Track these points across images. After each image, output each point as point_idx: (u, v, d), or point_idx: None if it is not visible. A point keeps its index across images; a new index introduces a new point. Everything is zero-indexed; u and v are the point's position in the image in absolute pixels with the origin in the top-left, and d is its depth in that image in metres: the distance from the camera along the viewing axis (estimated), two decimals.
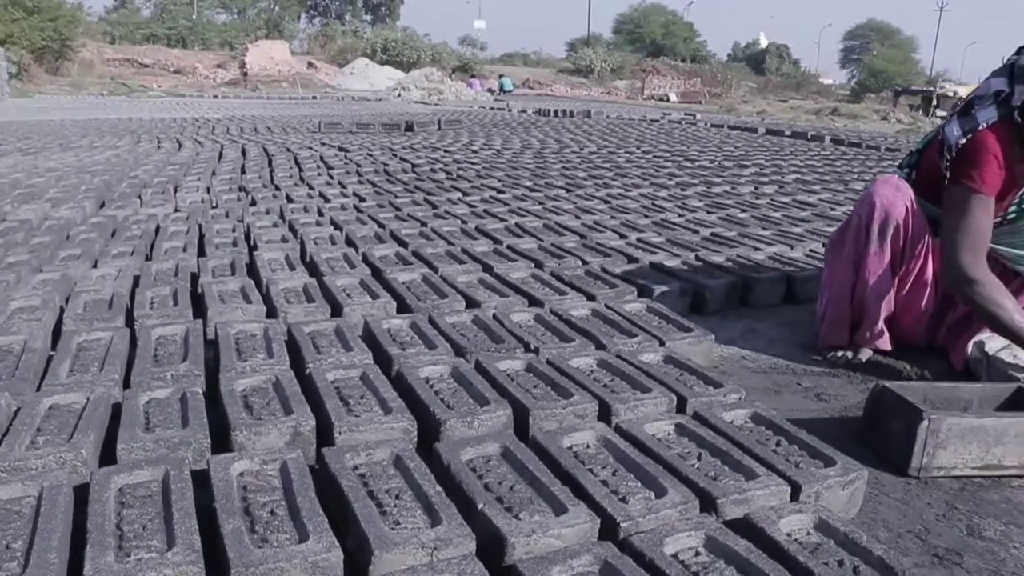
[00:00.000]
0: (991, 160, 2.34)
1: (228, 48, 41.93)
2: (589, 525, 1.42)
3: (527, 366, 2.13)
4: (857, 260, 2.51)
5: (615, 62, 50.23)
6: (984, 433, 1.89)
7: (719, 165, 7.40)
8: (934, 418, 1.85)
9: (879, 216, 2.45)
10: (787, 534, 1.47)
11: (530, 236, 3.73)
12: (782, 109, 30.82)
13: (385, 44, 42.90)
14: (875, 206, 2.46)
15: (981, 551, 1.63)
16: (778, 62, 64.78)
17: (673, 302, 2.86)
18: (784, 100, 39.64)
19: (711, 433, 1.79)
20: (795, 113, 27.74)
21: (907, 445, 1.88)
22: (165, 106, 18.41)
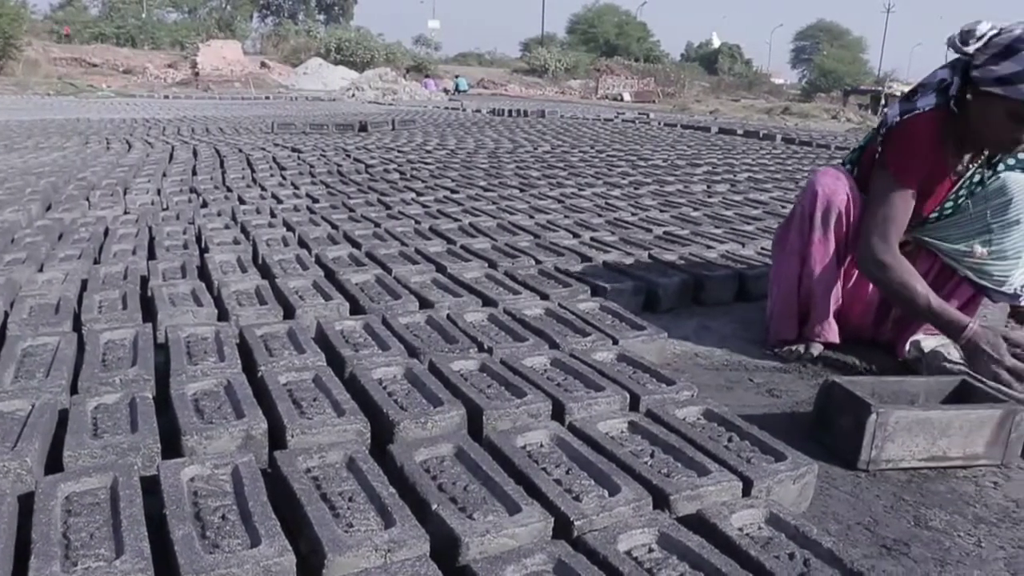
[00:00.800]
0: (919, 146, 2.40)
1: (179, 48, 41.42)
2: (543, 524, 1.43)
3: (481, 366, 2.13)
4: (802, 250, 2.55)
5: (569, 62, 50.46)
6: (930, 426, 1.93)
7: (672, 164, 7.45)
8: (882, 412, 1.88)
9: (821, 204, 2.49)
10: (739, 529, 1.49)
11: (484, 236, 3.73)
12: (734, 108, 31.11)
13: (339, 44, 42.66)
14: (817, 195, 2.49)
15: (927, 541, 1.66)
16: (730, 62, 65.48)
17: (626, 301, 2.88)
18: (736, 99, 40.03)
19: (664, 430, 1.80)
20: (747, 112, 28.02)
21: (856, 439, 1.91)
22: (114, 106, 18.13)
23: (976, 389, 2.11)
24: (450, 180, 5.76)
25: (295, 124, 10.42)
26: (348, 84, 31.94)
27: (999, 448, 1.98)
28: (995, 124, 2.25)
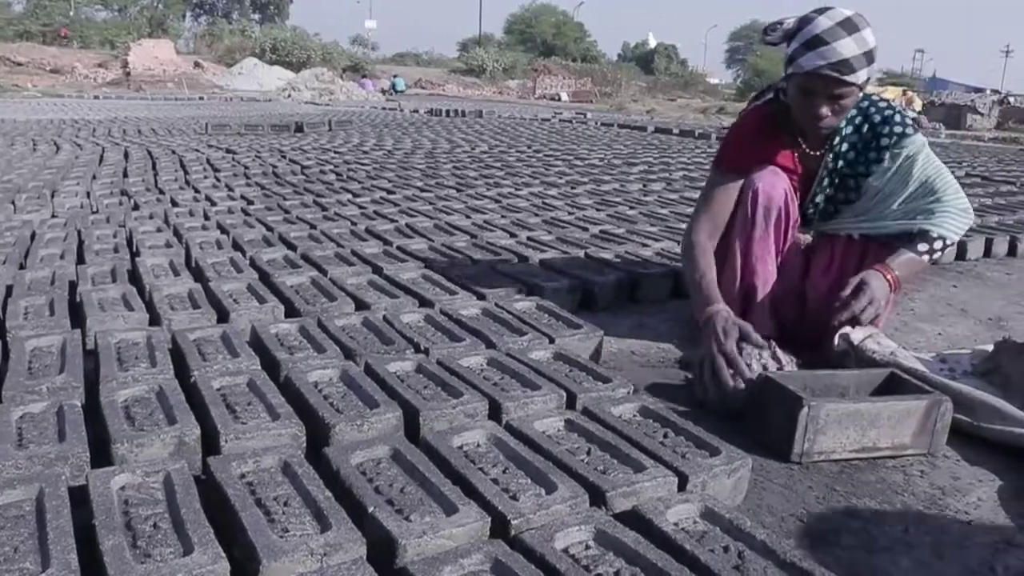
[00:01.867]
0: (737, 140, 2.61)
1: (109, 47, 40.53)
2: (480, 524, 1.43)
3: (417, 367, 2.12)
4: (744, 247, 2.59)
5: (507, 62, 50.54)
6: (860, 418, 1.98)
7: (609, 163, 7.51)
8: (813, 405, 1.92)
9: (763, 201, 2.54)
10: (674, 523, 1.50)
11: (420, 236, 3.72)
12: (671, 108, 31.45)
13: (274, 44, 42.15)
14: (758, 192, 2.54)
15: (857, 530, 1.70)
16: (666, 62, 66.17)
17: (563, 299, 2.90)
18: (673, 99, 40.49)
19: (600, 428, 1.82)
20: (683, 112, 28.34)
21: (788, 432, 1.95)
22: (41, 107, 17.66)
23: (904, 381, 2.17)
24: (387, 181, 5.73)
25: (230, 125, 10.28)
26: (284, 84, 31.60)
27: (926, 437, 2.03)
28: (796, 103, 2.40)
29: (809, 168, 2.62)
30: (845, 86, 2.31)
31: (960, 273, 4.15)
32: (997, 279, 4.09)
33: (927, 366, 2.53)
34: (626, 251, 3.54)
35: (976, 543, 1.69)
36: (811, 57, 2.28)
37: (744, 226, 2.58)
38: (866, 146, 2.55)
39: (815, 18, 2.31)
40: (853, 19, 2.29)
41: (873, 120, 2.54)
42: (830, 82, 2.30)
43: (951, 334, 3.11)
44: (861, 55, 2.27)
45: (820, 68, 2.27)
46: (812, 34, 2.28)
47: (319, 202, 4.68)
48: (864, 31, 2.28)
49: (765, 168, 2.59)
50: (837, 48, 2.25)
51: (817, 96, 2.34)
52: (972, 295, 3.72)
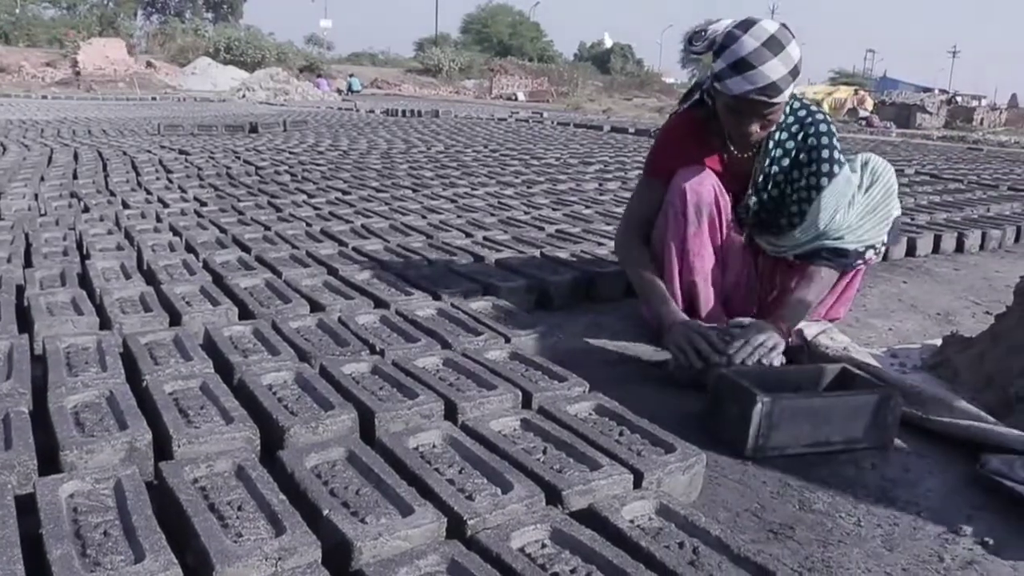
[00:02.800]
0: (670, 143, 2.64)
1: (58, 45, 39.79)
2: (436, 525, 1.43)
3: (373, 368, 2.11)
4: (680, 246, 2.60)
5: (463, 61, 50.45)
6: (813, 413, 2.01)
7: (565, 163, 7.53)
8: (767, 401, 1.94)
9: (692, 199, 2.56)
10: (630, 521, 1.51)
11: (376, 237, 3.70)
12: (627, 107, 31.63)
13: (228, 43, 41.65)
14: (685, 191, 2.56)
15: (811, 523, 1.72)
16: (622, 61, 66.49)
17: (519, 299, 2.90)
18: (629, 98, 40.72)
19: (556, 426, 1.82)
20: (639, 111, 28.52)
21: (743, 428, 1.97)
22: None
23: (856, 376, 2.20)
24: (342, 181, 5.70)
25: (183, 126, 10.15)
26: (238, 84, 31.26)
27: (877, 431, 2.06)
28: (724, 118, 2.43)
29: (739, 171, 2.64)
30: (773, 106, 2.33)
31: (910, 269, 4.22)
32: (945, 275, 4.16)
33: (878, 361, 2.58)
34: (582, 250, 3.56)
35: (926, 533, 1.72)
36: (739, 81, 2.27)
37: (677, 225, 2.59)
38: (800, 161, 2.56)
39: (740, 37, 2.28)
40: (777, 36, 2.27)
41: (807, 136, 2.54)
42: (759, 105, 2.31)
43: (901, 329, 3.16)
44: (787, 74, 2.27)
45: (749, 93, 2.27)
46: (738, 56, 2.26)
47: (273, 203, 4.64)
48: (789, 46, 2.27)
49: (688, 168, 2.60)
50: (764, 72, 2.24)
51: (745, 116, 2.36)
52: (921, 291, 3.79)
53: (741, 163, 2.63)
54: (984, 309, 3.44)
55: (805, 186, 2.55)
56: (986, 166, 10.46)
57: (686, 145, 2.60)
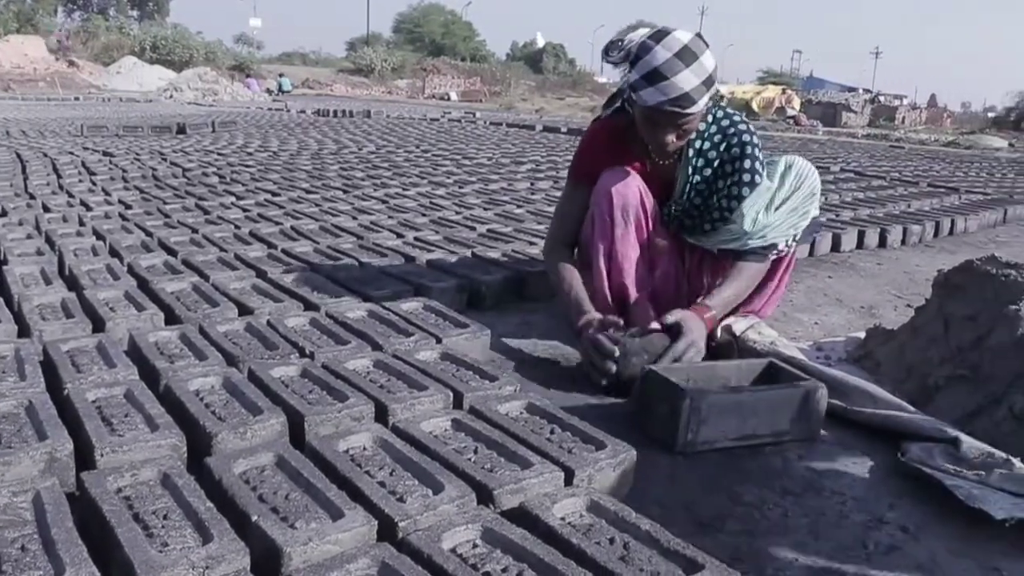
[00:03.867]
0: (592, 150, 2.68)
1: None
2: (367, 528, 1.42)
3: (302, 371, 2.09)
4: (608, 248, 2.62)
5: (396, 61, 50.19)
6: (741, 407, 2.04)
7: (497, 162, 7.55)
8: (695, 396, 1.97)
9: (618, 202, 2.58)
10: (561, 518, 1.52)
11: (306, 239, 3.66)
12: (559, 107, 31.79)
13: (154, 42, 40.86)
14: (611, 194, 2.58)
15: (740, 515, 1.75)
16: (555, 61, 66.74)
17: (450, 299, 2.90)
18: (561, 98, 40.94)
19: (487, 426, 1.82)
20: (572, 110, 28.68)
21: (673, 423, 1.99)
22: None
23: (782, 369, 2.24)
24: (272, 183, 5.62)
25: (107, 126, 9.93)
26: (166, 84, 30.69)
27: (803, 423, 2.10)
28: (641, 128, 2.47)
29: (661, 177, 2.67)
30: (687, 116, 2.36)
31: (835, 264, 4.32)
32: (869, 269, 4.27)
33: (805, 354, 2.63)
34: (513, 249, 3.57)
35: (850, 522, 1.76)
36: (652, 92, 2.30)
37: (604, 228, 2.60)
38: (724, 171, 2.61)
39: (653, 47, 2.30)
40: (691, 47, 2.29)
41: (731, 146, 2.58)
42: (672, 116, 2.34)
43: (827, 323, 3.23)
44: (700, 85, 2.29)
45: (662, 104, 2.30)
46: (651, 67, 2.29)
47: (201, 205, 4.56)
48: (702, 57, 2.30)
49: (612, 170, 2.62)
50: (677, 83, 2.26)
51: (660, 126, 2.39)
52: (846, 285, 3.88)
53: (663, 169, 2.66)
54: (905, 302, 3.53)
55: (727, 195, 2.59)
56: (907, 163, 10.75)
57: (608, 151, 2.64)
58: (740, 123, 2.62)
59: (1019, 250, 5.20)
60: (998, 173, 10.30)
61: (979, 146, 21.25)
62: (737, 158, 2.57)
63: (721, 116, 2.61)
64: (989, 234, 5.83)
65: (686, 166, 2.62)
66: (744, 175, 2.55)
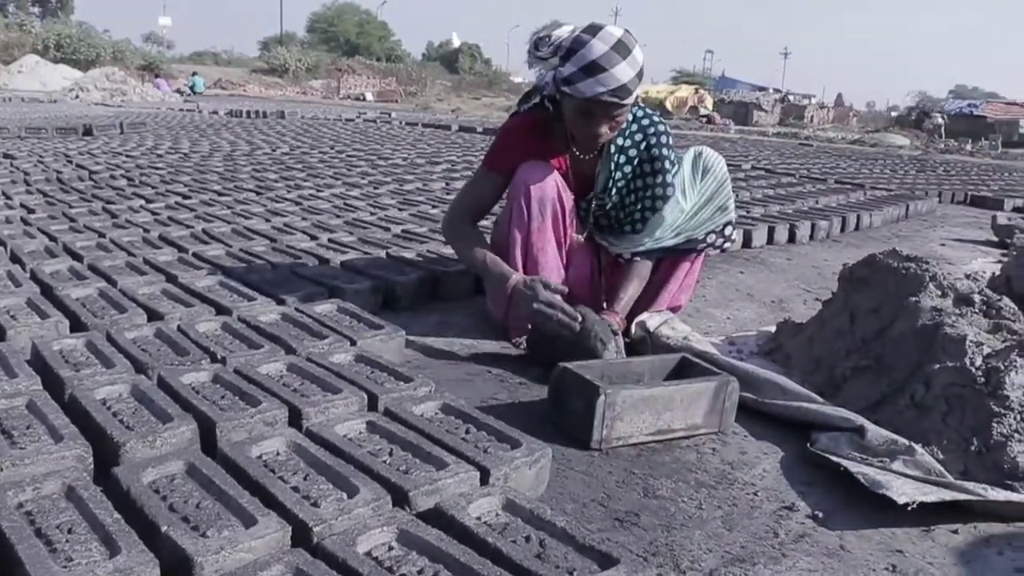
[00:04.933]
0: (510, 143, 2.71)
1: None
2: (280, 534, 1.40)
3: (214, 377, 2.05)
4: (525, 241, 2.64)
5: (310, 61, 49.57)
6: (655, 402, 2.06)
7: (412, 163, 7.52)
8: (610, 392, 1.99)
9: (536, 195, 2.60)
10: (476, 518, 1.52)
11: (217, 242, 3.59)
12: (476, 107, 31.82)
13: (58, 40, 39.58)
14: (529, 186, 2.60)
15: (655, 509, 1.78)
16: (471, 61, 66.72)
17: (364, 301, 2.87)
18: (477, 98, 40.99)
19: (402, 428, 1.82)
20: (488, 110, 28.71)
21: (588, 420, 2.01)
22: None
23: (694, 364, 2.28)
24: (182, 185, 5.49)
25: (8, 128, 9.56)
26: (71, 84, 29.74)
27: (716, 416, 2.14)
28: (572, 120, 2.52)
29: (581, 172, 2.71)
30: (623, 107, 2.42)
31: (747, 260, 4.41)
32: (779, 264, 4.37)
33: (717, 349, 2.68)
34: (428, 250, 3.56)
35: (762, 511, 1.80)
36: (591, 84, 2.35)
37: (521, 220, 2.63)
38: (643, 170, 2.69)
39: (589, 41, 2.36)
40: (624, 40, 2.37)
41: (651, 145, 2.68)
42: (610, 107, 2.40)
43: (739, 318, 3.29)
44: (635, 77, 2.37)
45: (601, 95, 2.35)
46: (589, 59, 2.34)
47: (108, 209, 4.43)
48: (635, 50, 2.38)
49: (531, 164, 2.65)
50: (615, 74, 2.33)
51: (596, 117, 2.44)
52: (757, 280, 3.96)
53: (583, 165, 2.69)
54: (814, 296, 3.62)
55: (646, 195, 2.68)
56: (815, 161, 11.05)
57: (527, 145, 2.66)
58: (659, 122, 2.71)
59: (920, 244, 5.38)
60: (900, 170, 10.65)
61: (883, 144, 21.98)
62: (657, 158, 2.66)
63: (641, 115, 2.69)
64: (892, 229, 6.03)
65: (608, 162, 2.67)
66: (665, 175, 2.65)
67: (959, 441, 2.00)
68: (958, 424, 2.03)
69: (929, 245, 5.37)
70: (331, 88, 44.35)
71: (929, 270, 2.51)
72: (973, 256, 5.01)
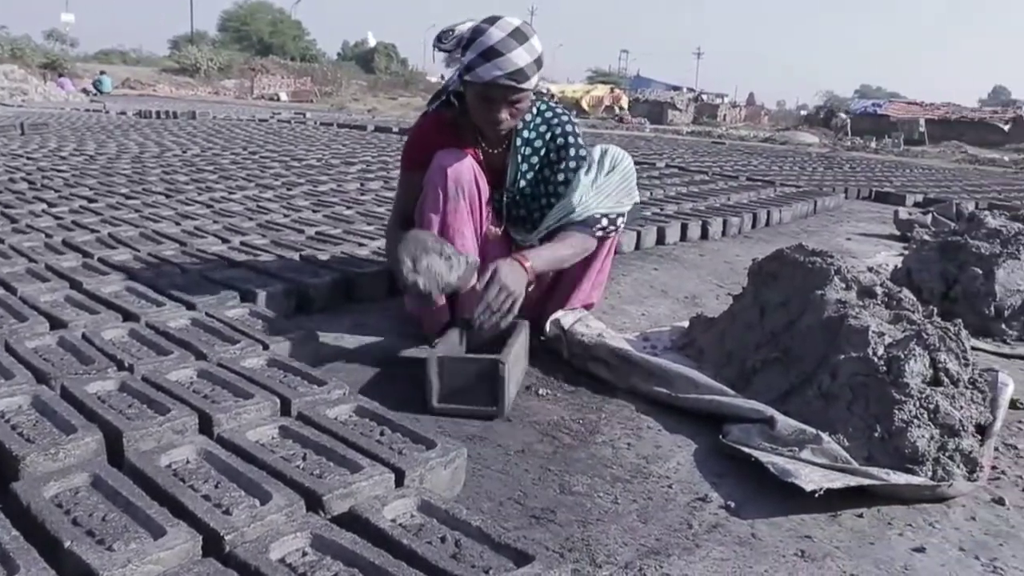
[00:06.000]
0: (422, 142, 2.73)
1: None
2: (190, 544, 1.37)
3: (120, 385, 1.99)
4: (441, 221, 2.63)
5: (222, 61, 48.58)
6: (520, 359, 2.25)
7: (327, 163, 7.44)
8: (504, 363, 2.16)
9: (452, 175, 2.60)
10: (392, 520, 1.51)
11: (125, 247, 3.49)
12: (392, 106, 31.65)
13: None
14: (446, 171, 2.60)
15: (571, 505, 1.79)
16: (387, 61, 66.25)
17: (278, 304, 2.83)
18: (394, 98, 40.77)
19: (315, 432, 1.80)
20: (404, 110, 28.59)
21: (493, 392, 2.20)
22: None
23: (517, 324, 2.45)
24: (88, 188, 5.32)
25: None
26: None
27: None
28: (474, 107, 2.55)
29: (492, 167, 2.72)
30: (521, 92, 2.45)
31: (660, 257, 4.47)
32: (692, 260, 4.45)
33: (632, 345, 2.71)
34: (342, 251, 3.52)
35: (677, 504, 1.84)
36: (488, 68, 2.38)
37: (436, 201, 2.62)
38: (549, 159, 2.72)
39: (487, 29, 2.41)
40: (522, 29, 2.43)
41: (555, 136, 2.71)
42: (508, 90, 2.43)
43: (653, 314, 3.34)
44: (532, 62, 2.41)
45: (498, 78, 2.39)
46: (487, 45, 2.39)
47: (8, 214, 4.27)
48: (532, 39, 2.43)
49: (447, 151, 2.65)
50: (512, 58, 2.37)
51: (496, 102, 2.47)
52: (671, 276, 4.02)
53: (493, 160, 2.71)
54: (726, 291, 3.69)
55: (553, 182, 2.70)
56: (728, 158, 11.28)
57: (439, 141, 2.66)
58: (562, 114, 2.76)
59: (827, 238, 5.54)
60: (809, 167, 10.94)
61: (793, 142, 22.57)
62: (562, 147, 2.70)
63: (544, 108, 2.74)
64: (801, 224, 6.18)
65: (515, 154, 2.70)
66: (570, 162, 2.69)
67: (863, 428, 2.06)
68: (862, 412, 2.09)
69: (836, 240, 5.53)
70: (244, 88, 43.58)
71: (834, 264, 2.58)
72: (877, 250, 5.18)
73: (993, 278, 3.34)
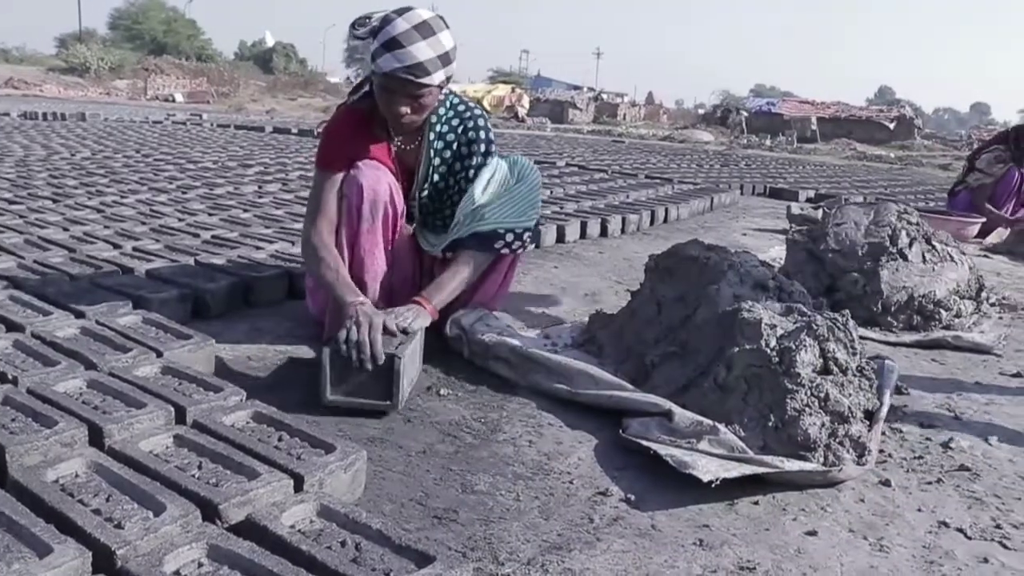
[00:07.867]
0: (337, 137, 2.69)
1: None
2: (79, 561, 1.32)
3: (4, 399, 1.91)
4: (352, 242, 2.61)
5: (114, 60, 47.09)
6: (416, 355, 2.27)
7: (223, 166, 7.29)
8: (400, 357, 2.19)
9: (368, 196, 2.57)
10: (290, 526, 1.50)
11: (8, 254, 3.33)
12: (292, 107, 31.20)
13: None
14: (363, 187, 2.57)
15: (474, 504, 1.80)
16: (286, 61, 65.27)
17: (172, 310, 2.76)
18: (293, 98, 40.14)
19: (211, 439, 1.76)
20: (304, 111, 28.23)
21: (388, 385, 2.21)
22: None
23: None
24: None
25: None
26: None
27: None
28: (379, 99, 2.54)
29: (406, 163, 2.71)
30: (421, 87, 2.42)
31: (561, 255, 4.52)
32: (592, 258, 4.50)
33: (532, 342, 2.73)
34: (239, 255, 3.45)
35: (578, 499, 1.86)
36: (388, 59, 2.36)
37: (350, 221, 2.59)
38: (460, 153, 2.72)
39: (394, 19, 2.39)
40: (430, 23, 2.40)
41: (467, 129, 2.71)
42: (406, 84, 2.40)
43: (554, 311, 3.37)
44: (436, 58, 2.39)
45: (396, 71, 2.37)
46: (390, 36, 2.37)
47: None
48: (440, 34, 2.40)
49: (367, 164, 2.62)
50: (412, 52, 2.35)
51: (396, 95, 2.44)
52: (571, 274, 4.07)
53: (407, 156, 2.70)
54: (625, 287, 3.75)
55: (464, 176, 2.71)
56: (627, 156, 11.45)
57: (354, 136, 2.63)
58: (475, 108, 2.76)
59: (724, 234, 5.68)
60: (706, 164, 11.19)
61: (691, 140, 23.05)
62: (474, 141, 2.70)
63: (458, 103, 2.74)
64: (699, 220, 6.33)
65: (428, 149, 2.70)
66: (478, 157, 2.70)
67: (758, 418, 2.12)
68: (757, 402, 2.16)
69: (732, 235, 5.67)
70: (137, 89, 42.32)
71: (728, 259, 2.64)
72: (771, 244, 5.33)
73: (878, 278, 3.49)
